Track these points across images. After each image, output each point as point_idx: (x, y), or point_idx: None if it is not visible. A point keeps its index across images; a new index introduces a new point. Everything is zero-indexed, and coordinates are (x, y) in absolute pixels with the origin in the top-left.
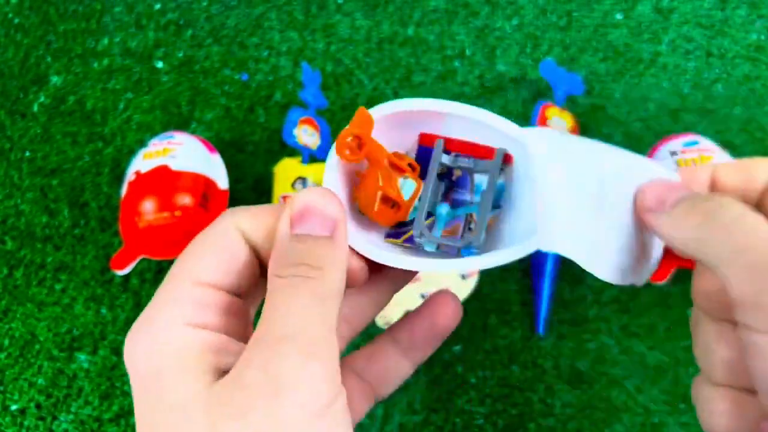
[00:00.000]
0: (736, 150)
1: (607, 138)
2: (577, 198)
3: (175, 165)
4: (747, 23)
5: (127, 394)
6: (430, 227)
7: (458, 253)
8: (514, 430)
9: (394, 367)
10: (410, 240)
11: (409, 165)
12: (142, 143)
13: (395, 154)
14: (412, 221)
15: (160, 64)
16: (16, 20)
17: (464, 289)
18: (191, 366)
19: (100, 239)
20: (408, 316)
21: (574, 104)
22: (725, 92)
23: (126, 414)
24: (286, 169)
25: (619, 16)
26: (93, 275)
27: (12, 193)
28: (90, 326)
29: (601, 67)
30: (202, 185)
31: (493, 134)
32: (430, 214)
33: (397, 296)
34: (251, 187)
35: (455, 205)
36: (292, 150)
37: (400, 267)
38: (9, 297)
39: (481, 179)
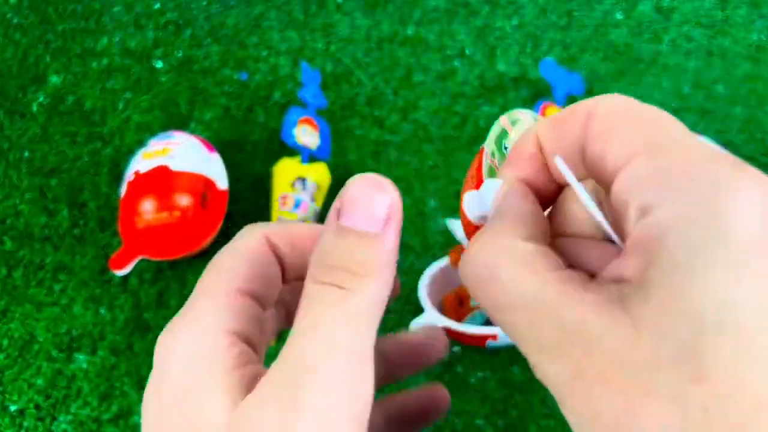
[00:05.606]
0: (736, 149)
1: None
2: None
3: (174, 165)
4: (747, 23)
5: (126, 395)
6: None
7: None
8: (514, 431)
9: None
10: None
11: None
12: (141, 143)
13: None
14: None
15: (159, 64)
16: (15, 20)
17: None
18: (222, 383)
19: (99, 239)
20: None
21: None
22: (726, 92)
23: (125, 415)
24: (285, 169)
25: (619, 16)
26: (92, 275)
27: (11, 193)
28: (89, 327)
29: (602, 66)
30: (201, 185)
31: None
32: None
33: None
34: (250, 186)
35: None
36: (291, 150)
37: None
38: (8, 297)
39: None
